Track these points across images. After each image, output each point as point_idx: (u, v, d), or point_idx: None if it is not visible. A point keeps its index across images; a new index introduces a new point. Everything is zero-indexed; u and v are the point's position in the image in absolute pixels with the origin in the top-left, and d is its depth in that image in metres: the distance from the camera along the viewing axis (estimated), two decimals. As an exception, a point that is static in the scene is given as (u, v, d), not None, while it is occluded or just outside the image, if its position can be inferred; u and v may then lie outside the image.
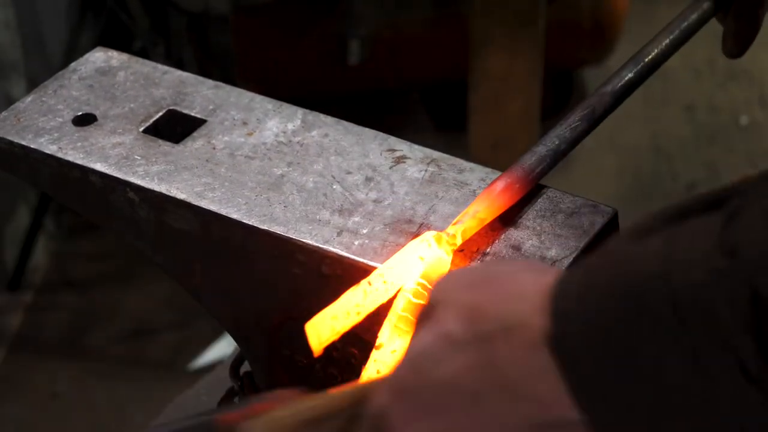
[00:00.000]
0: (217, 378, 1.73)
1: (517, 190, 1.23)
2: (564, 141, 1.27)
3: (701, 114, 3.96)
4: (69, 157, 1.33)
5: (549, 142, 1.27)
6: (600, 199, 1.27)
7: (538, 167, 1.25)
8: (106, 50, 1.48)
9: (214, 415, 1.07)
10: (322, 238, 1.23)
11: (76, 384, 3.18)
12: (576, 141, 1.28)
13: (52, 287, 3.44)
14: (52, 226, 3.55)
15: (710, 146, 3.85)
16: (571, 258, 1.20)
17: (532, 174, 1.24)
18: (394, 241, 1.22)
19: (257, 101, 1.40)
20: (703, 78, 4.05)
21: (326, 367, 1.31)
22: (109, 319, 3.36)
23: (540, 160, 1.25)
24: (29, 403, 3.15)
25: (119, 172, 1.32)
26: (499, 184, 1.23)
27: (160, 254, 1.36)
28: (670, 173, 3.76)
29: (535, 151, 1.26)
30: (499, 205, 1.22)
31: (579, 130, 1.28)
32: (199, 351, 3.22)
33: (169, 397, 1.78)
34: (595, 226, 1.23)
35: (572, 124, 1.28)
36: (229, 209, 1.27)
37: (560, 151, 1.27)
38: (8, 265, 3.39)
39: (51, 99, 1.41)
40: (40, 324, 3.34)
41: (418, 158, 1.32)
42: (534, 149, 1.26)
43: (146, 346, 3.29)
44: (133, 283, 3.42)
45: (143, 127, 1.37)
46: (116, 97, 1.41)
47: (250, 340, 1.37)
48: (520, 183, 1.23)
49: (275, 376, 1.36)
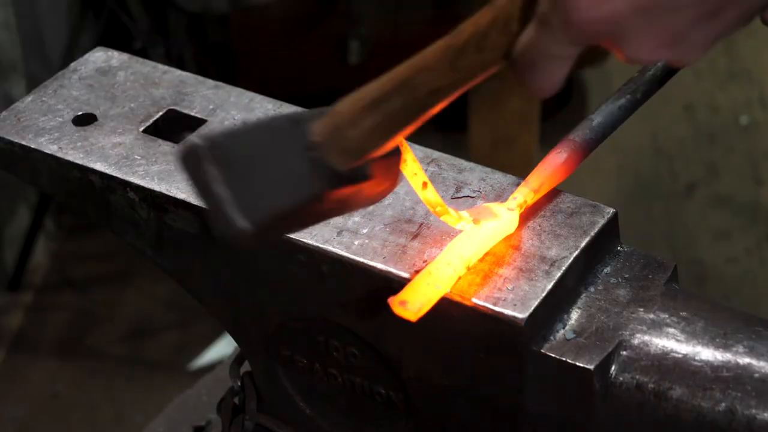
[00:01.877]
0: (217, 378, 1.73)
1: (572, 162, 1.26)
2: (613, 115, 1.30)
3: (701, 114, 3.96)
4: (69, 157, 1.33)
5: (600, 114, 1.29)
6: (600, 199, 1.27)
7: (591, 138, 1.28)
8: (107, 50, 1.48)
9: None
10: (322, 238, 1.23)
11: (76, 384, 3.18)
12: (624, 116, 1.31)
13: (52, 287, 3.44)
14: (52, 226, 3.55)
15: (710, 146, 3.85)
16: (571, 258, 1.20)
17: (585, 145, 1.27)
18: (394, 241, 1.22)
19: (257, 101, 1.40)
20: (703, 78, 4.05)
21: (326, 367, 1.31)
22: (109, 319, 3.36)
23: (592, 131, 1.28)
24: (29, 403, 3.15)
25: (119, 172, 1.32)
26: (558, 157, 1.26)
27: (160, 254, 1.36)
28: (670, 173, 3.76)
29: (586, 123, 1.29)
30: (555, 177, 1.25)
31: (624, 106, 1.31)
32: (199, 351, 3.22)
33: (169, 397, 1.78)
34: (595, 226, 1.23)
35: (617, 100, 1.31)
36: (229, 209, 1.27)
37: (610, 125, 1.29)
38: (8, 265, 3.40)
39: (51, 99, 1.41)
40: (40, 324, 3.35)
41: (418, 158, 1.31)
42: (585, 122, 1.29)
43: (146, 346, 3.30)
44: (133, 283, 3.42)
45: (143, 127, 1.37)
46: (116, 97, 1.41)
47: (250, 340, 1.37)
48: (575, 155, 1.27)
49: (275, 376, 1.36)
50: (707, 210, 3.63)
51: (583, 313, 1.19)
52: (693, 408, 1.13)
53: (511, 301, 1.16)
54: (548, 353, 1.16)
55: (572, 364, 1.15)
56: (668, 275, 1.23)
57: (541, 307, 1.16)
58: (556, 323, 1.18)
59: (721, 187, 3.69)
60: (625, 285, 1.22)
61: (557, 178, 1.26)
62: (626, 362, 1.16)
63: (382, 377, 1.27)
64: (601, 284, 1.22)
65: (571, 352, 1.16)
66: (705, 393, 1.13)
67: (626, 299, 1.20)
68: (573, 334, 1.17)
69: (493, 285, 1.18)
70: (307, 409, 1.37)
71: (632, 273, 1.23)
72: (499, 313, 1.16)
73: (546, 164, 1.25)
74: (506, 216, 1.21)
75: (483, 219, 1.20)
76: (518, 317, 1.15)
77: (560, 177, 1.26)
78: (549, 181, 1.25)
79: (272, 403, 1.40)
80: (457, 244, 1.19)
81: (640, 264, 1.24)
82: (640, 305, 1.20)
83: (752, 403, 1.11)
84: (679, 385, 1.14)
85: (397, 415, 1.30)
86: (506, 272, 1.19)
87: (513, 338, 1.16)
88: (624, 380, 1.16)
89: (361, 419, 1.33)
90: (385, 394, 1.29)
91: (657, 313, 1.19)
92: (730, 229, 3.56)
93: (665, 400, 1.14)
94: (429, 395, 1.26)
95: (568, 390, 1.17)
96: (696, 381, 1.14)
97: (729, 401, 1.12)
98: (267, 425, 1.41)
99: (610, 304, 1.20)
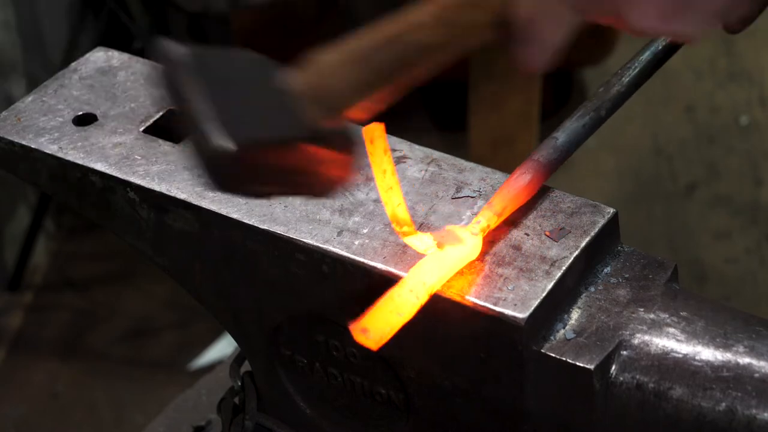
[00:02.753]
0: (217, 378, 1.73)
1: (535, 183, 1.24)
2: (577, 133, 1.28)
3: (701, 114, 3.96)
4: (69, 157, 1.33)
5: (564, 133, 1.28)
6: (600, 199, 1.27)
7: (554, 158, 1.26)
8: (107, 50, 1.48)
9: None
10: (322, 238, 1.23)
11: (76, 384, 3.18)
12: (587, 134, 1.29)
13: (52, 287, 3.44)
14: (52, 226, 3.55)
15: (710, 146, 3.85)
16: (572, 258, 1.20)
17: (549, 166, 1.26)
18: (394, 241, 1.22)
19: (257, 101, 1.40)
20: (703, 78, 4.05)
21: (326, 366, 1.31)
22: (109, 319, 3.36)
23: (556, 150, 1.27)
24: (29, 403, 3.15)
25: (119, 172, 1.32)
26: (521, 179, 1.23)
27: (160, 254, 1.36)
28: (670, 173, 3.76)
29: (550, 142, 1.27)
30: (519, 199, 1.23)
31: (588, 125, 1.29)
32: (199, 351, 3.22)
33: (169, 397, 1.78)
34: (595, 226, 1.23)
35: (581, 118, 1.29)
36: (229, 209, 1.27)
37: (574, 143, 1.28)
38: (8, 265, 3.39)
39: (51, 99, 1.41)
40: (40, 324, 3.34)
41: (419, 158, 1.32)
42: (548, 141, 1.27)
43: (146, 346, 3.29)
44: (133, 283, 3.42)
45: (144, 127, 1.37)
46: (117, 97, 1.41)
47: (250, 340, 1.37)
48: (539, 176, 1.25)
49: (275, 376, 1.36)
50: (707, 210, 3.62)
51: (584, 312, 1.19)
52: (693, 408, 1.13)
53: (512, 300, 1.16)
54: (548, 353, 1.16)
55: (572, 364, 1.15)
56: (668, 275, 1.23)
57: (542, 306, 1.16)
58: (556, 323, 1.18)
59: (721, 187, 3.69)
60: (626, 285, 1.22)
61: (521, 199, 1.23)
62: (626, 362, 1.16)
63: (382, 377, 1.27)
64: (602, 284, 1.22)
65: (571, 352, 1.16)
66: (705, 393, 1.13)
67: (626, 299, 1.20)
68: (573, 334, 1.17)
69: (493, 285, 1.18)
70: (307, 409, 1.37)
71: (632, 273, 1.23)
72: (499, 313, 1.16)
73: (509, 186, 1.23)
74: (470, 241, 1.19)
75: (447, 243, 1.18)
76: (518, 317, 1.15)
77: (523, 199, 1.24)
78: (512, 204, 1.23)
79: (272, 403, 1.40)
80: (419, 270, 1.17)
81: (640, 264, 1.24)
82: (641, 305, 1.20)
83: (752, 402, 1.11)
84: (680, 384, 1.14)
85: (397, 415, 1.30)
86: (506, 272, 1.19)
87: (513, 338, 1.16)
88: (624, 380, 1.16)
89: (361, 419, 1.33)
90: (385, 394, 1.29)
91: (657, 313, 1.19)
92: (730, 229, 3.56)
93: (665, 400, 1.14)
94: (429, 395, 1.26)
95: (568, 390, 1.17)
96: (696, 381, 1.14)
97: (729, 401, 1.12)
98: (267, 425, 1.41)
99: (610, 304, 1.20)
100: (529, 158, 1.25)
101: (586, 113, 1.29)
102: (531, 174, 1.24)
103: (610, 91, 1.30)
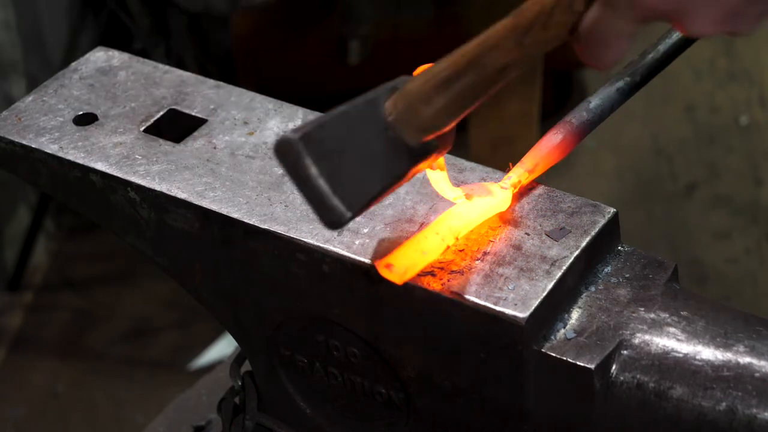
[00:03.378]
0: (217, 378, 1.73)
1: (567, 143, 1.27)
2: (611, 98, 1.30)
3: (701, 114, 3.96)
4: (70, 157, 1.33)
5: (597, 97, 1.30)
6: (600, 199, 1.27)
7: (587, 119, 1.28)
8: (107, 50, 1.48)
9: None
10: (322, 238, 1.23)
11: (76, 384, 3.18)
12: (621, 100, 1.31)
13: (52, 287, 3.44)
14: (52, 226, 3.55)
15: (710, 146, 3.85)
16: (572, 258, 1.20)
17: (581, 128, 1.28)
18: (395, 241, 1.22)
19: (258, 101, 1.40)
20: (703, 78, 4.05)
21: (326, 366, 1.31)
22: (109, 319, 3.36)
23: (589, 113, 1.29)
24: (29, 403, 3.15)
25: (120, 172, 1.32)
26: (553, 138, 1.26)
27: (161, 254, 1.36)
28: (670, 173, 3.76)
29: (583, 105, 1.29)
30: (550, 158, 1.26)
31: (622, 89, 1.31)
32: (199, 351, 3.22)
33: (169, 397, 1.78)
34: (595, 226, 1.23)
35: (615, 82, 1.31)
36: (229, 208, 1.27)
37: (608, 107, 1.30)
38: (8, 265, 3.40)
39: (52, 98, 1.41)
40: (40, 324, 3.34)
41: (419, 158, 1.32)
42: (582, 105, 1.30)
43: (146, 346, 3.29)
44: (133, 283, 3.42)
45: (144, 127, 1.37)
46: (117, 97, 1.41)
47: (251, 340, 1.37)
48: (571, 137, 1.27)
49: (275, 375, 1.36)
50: (707, 210, 3.62)
51: (584, 312, 1.19)
52: (693, 407, 1.13)
53: (512, 300, 1.16)
54: (549, 353, 1.16)
55: (573, 364, 1.15)
56: (669, 275, 1.23)
57: (542, 306, 1.16)
58: (556, 323, 1.18)
59: (721, 187, 3.69)
60: (626, 285, 1.22)
61: (552, 159, 1.27)
62: (627, 362, 1.16)
63: (382, 377, 1.27)
64: (602, 284, 1.22)
65: (571, 352, 1.16)
66: (706, 392, 1.13)
67: (627, 299, 1.20)
68: (573, 334, 1.17)
69: (493, 284, 1.18)
70: (307, 409, 1.36)
71: (633, 273, 1.23)
72: (499, 313, 1.16)
73: (542, 145, 1.27)
74: (499, 194, 1.23)
75: (476, 195, 1.22)
76: (519, 317, 1.15)
77: (555, 158, 1.27)
78: (544, 162, 1.26)
79: (272, 403, 1.40)
80: (447, 216, 1.21)
81: (640, 264, 1.24)
82: (641, 305, 1.20)
83: (753, 402, 1.11)
84: (680, 384, 1.14)
85: (397, 415, 1.30)
86: (507, 272, 1.19)
87: (513, 338, 1.16)
88: (625, 380, 1.16)
89: (361, 419, 1.33)
90: (385, 394, 1.29)
91: (657, 312, 1.19)
92: (730, 229, 3.56)
93: (666, 400, 1.14)
94: (429, 395, 1.26)
95: (568, 390, 1.17)
96: (696, 380, 1.14)
97: (730, 401, 1.12)
98: (267, 425, 1.41)
99: (610, 304, 1.20)
100: (562, 120, 1.28)
101: (621, 78, 1.30)
102: (563, 134, 1.27)
103: (646, 58, 1.32)
